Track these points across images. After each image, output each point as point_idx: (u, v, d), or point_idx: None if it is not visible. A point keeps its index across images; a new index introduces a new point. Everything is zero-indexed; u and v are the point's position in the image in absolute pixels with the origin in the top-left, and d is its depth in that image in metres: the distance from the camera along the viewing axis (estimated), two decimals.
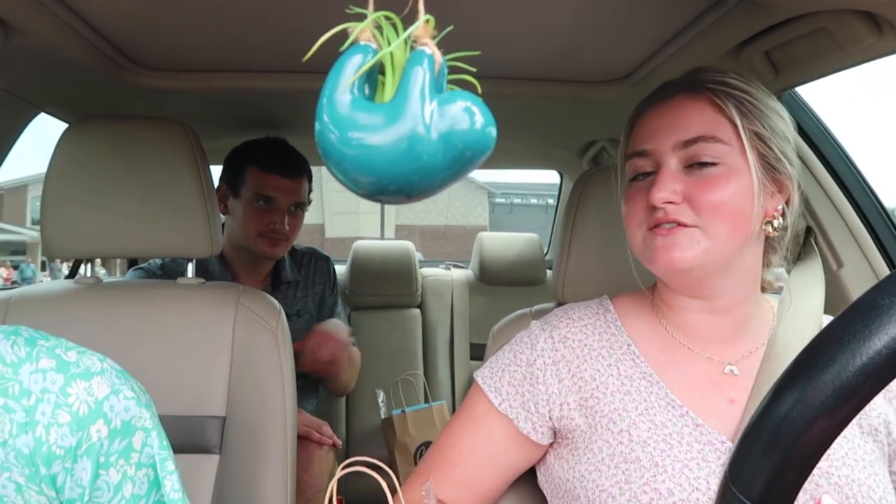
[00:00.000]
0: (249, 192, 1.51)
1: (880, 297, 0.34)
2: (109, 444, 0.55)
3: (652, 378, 0.74)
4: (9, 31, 0.93)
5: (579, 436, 0.74)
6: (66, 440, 0.53)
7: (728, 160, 0.69)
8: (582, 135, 1.89)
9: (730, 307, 0.75)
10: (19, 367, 0.54)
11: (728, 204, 0.68)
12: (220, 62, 1.20)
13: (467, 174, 0.36)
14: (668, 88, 0.76)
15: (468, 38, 1.03)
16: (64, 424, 0.53)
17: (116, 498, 0.55)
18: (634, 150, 0.75)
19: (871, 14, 0.78)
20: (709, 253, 0.68)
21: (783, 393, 0.37)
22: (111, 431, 0.55)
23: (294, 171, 1.54)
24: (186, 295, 1.03)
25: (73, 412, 0.53)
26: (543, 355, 0.78)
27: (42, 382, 0.54)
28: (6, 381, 0.53)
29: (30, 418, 0.52)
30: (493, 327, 1.04)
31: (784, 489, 0.37)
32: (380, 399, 1.91)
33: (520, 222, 18.63)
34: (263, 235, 1.51)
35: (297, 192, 1.55)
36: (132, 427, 0.56)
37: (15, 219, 19.87)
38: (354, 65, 0.34)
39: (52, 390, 0.54)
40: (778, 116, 0.72)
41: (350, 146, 0.33)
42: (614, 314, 0.82)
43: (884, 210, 1.18)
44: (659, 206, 0.69)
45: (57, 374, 0.55)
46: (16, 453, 0.52)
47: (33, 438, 0.52)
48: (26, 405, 0.53)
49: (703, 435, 0.68)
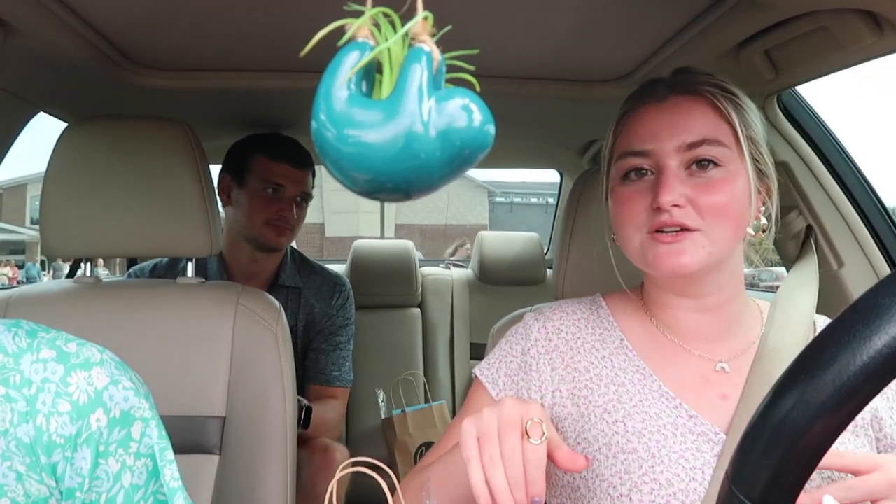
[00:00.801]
0: (257, 180, 1.51)
1: (881, 297, 0.34)
2: (109, 434, 0.55)
3: (645, 371, 0.75)
4: (9, 31, 0.93)
5: (570, 425, 0.74)
6: (66, 429, 0.53)
7: (728, 163, 0.70)
8: (582, 134, 1.88)
9: (718, 305, 0.76)
10: (20, 357, 0.55)
11: (730, 206, 0.69)
12: (220, 62, 1.20)
13: (465, 172, 0.36)
14: (659, 88, 0.75)
15: (467, 37, 1.02)
16: (64, 413, 0.53)
17: (115, 487, 0.55)
18: (632, 150, 0.74)
19: (872, 13, 0.78)
20: (711, 256, 0.69)
21: (784, 393, 0.37)
22: (110, 421, 0.55)
23: (302, 161, 1.55)
24: (186, 295, 1.02)
25: (73, 401, 0.54)
26: (537, 345, 0.79)
27: (43, 372, 0.55)
28: (7, 371, 0.54)
29: (30, 407, 0.53)
30: (493, 327, 1.04)
31: (785, 489, 0.36)
32: (380, 399, 1.91)
33: (520, 221, 18.65)
34: (270, 224, 1.51)
35: (305, 181, 1.56)
36: (131, 417, 0.57)
37: (14, 218, 19.90)
38: (351, 61, 0.33)
39: (53, 380, 0.54)
40: (760, 120, 0.74)
41: (347, 143, 0.33)
42: (607, 310, 0.83)
43: (884, 209, 1.18)
44: (667, 209, 0.68)
45: (57, 365, 0.55)
46: (17, 442, 0.53)
47: (34, 427, 0.53)
48: (27, 394, 0.53)
49: (697, 426, 0.69)
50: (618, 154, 0.76)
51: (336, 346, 1.62)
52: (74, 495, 0.54)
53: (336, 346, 1.62)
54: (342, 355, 1.63)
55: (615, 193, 0.76)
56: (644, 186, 0.72)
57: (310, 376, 1.60)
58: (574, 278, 0.99)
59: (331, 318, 1.64)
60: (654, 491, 0.65)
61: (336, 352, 1.62)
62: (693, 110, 0.72)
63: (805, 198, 1.18)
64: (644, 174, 0.73)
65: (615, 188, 0.76)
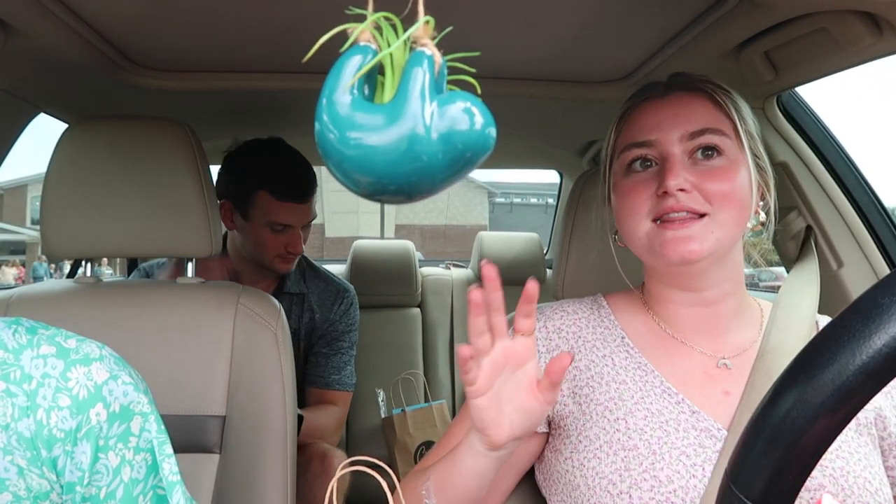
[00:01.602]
0: (263, 218, 1.46)
1: (880, 296, 0.34)
2: (108, 428, 0.56)
3: (647, 367, 0.75)
4: (9, 31, 0.93)
5: (572, 423, 0.75)
6: (66, 423, 0.54)
7: (730, 153, 0.72)
8: (582, 135, 1.89)
9: (719, 299, 0.76)
10: (21, 353, 0.56)
11: (735, 193, 0.70)
12: (220, 62, 1.20)
13: (467, 174, 0.36)
14: (657, 87, 0.77)
15: (468, 38, 1.03)
16: (64, 408, 0.54)
17: (115, 482, 0.56)
18: (635, 141, 0.75)
19: (871, 14, 0.78)
20: (719, 242, 0.70)
21: (783, 392, 0.37)
22: (110, 415, 0.56)
23: (307, 193, 1.49)
24: (186, 294, 1.02)
25: (73, 396, 0.55)
26: (538, 344, 0.79)
27: (43, 368, 0.55)
28: (8, 367, 0.55)
29: (31, 402, 0.54)
30: None
31: (785, 489, 0.37)
32: (380, 398, 1.91)
33: (520, 222, 18.64)
34: (280, 256, 1.51)
35: (309, 212, 1.53)
36: (130, 412, 0.58)
37: (15, 218, 19.90)
38: (354, 65, 0.34)
39: (53, 375, 0.55)
40: (753, 120, 0.76)
41: (349, 146, 0.33)
42: (608, 309, 0.83)
43: (884, 209, 1.18)
44: (673, 193, 0.69)
45: (57, 360, 0.56)
46: (17, 437, 0.53)
47: (34, 422, 0.53)
48: (27, 389, 0.54)
49: (700, 422, 0.69)
50: (621, 148, 0.77)
51: (337, 350, 1.62)
52: (74, 489, 0.55)
53: (337, 350, 1.62)
54: (343, 360, 1.62)
55: (619, 187, 0.77)
56: (648, 176, 0.73)
57: (309, 380, 1.60)
58: (574, 278, 0.99)
59: (332, 323, 1.63)
60: (655, 488, 0.65)
61: (337, 356, 1.61)
62: (693, 103, 0.74)
63: (805, 198, 1.19)
64: (648, 165, 0.74)
65: (618, 182, 0.77)
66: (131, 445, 0.58)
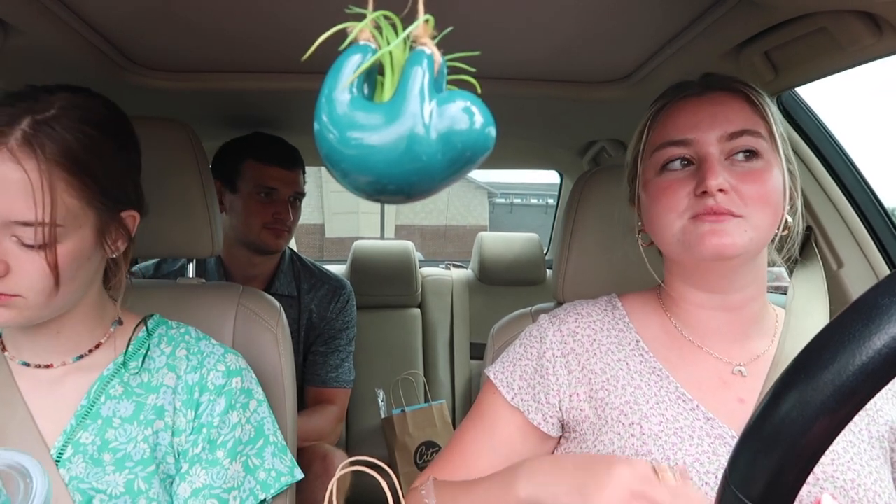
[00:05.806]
0: (250, 185, 1.51)
1: (880, 297, 0.34)
2: (239, 395, 0.81)
3: (662, 373, 0.74)
4: (9, 31, 0.93)
5: (588, 427, 0.74)
6: (218, 380, 0.80)
7: (766, 155, 0.71)
8: (582, 135, 1.89)
9: (742, 303, 0.75)
10: (199, 341, 0.84)
11: (771, 196, 0.70)
12: (219, 62, 1.20)
13: (467, 174, 0.36)
14: (692, 86, 0.76)
15: (468, 38, 1.03)
16: (220, 372, 0.81)
17: (231, 435, 0.79)
18: (671, 139, 0.73)
19: (871, 14, 0.78)
20: (753, 242, 0.69)
21: (783, 392, 0.37)
22: (242, 389, 0.81)
23: (293, 161, 1.56)
24: (186, 295, 1.02)
25: (226, 366, 0.82)
26: (553, 347, 0.79)
27: (210, 349, 0.83)
28: (189, 344, 0.83)
29: (199, 363, 0.81)
30: (493, 327, 1.04)
31: (784, 489, 0.37)
32: (380, 398, 1.91)
33: (520, 222, 18.63)
34: (267, 227, 1.51)
35: (297, 182, 1.56)
36: (252, 394, 0.83)
37: None
38: (353, 64, 0.34)
39: (216, 354, 0.83)
40: (784, 123, 0.75)
41: (349, 146, 0.33)
42: (622, 311, 0.82)
43: (884, 210, 1.18)
44: (713, 193, 0.68)
45: (219, 348, 0.84)
46: (184, 384, 0.79)
47: (199, 375, 0.80)
48: (199, 356, 0.82)
49: (714, 429, 0.69)
50: (655, 146, 0.75)
51: (335, 348, 1.62)
52: (202, 431, 0.78)
53: (335, 348, 1.62)
54: (341, 357, 1.63)
55: (651, 185, 0.75)
56: (684, 175, 0.72)
57: (307, 378, 1.60)
58: (574, 279, 0.99)
59: (329, 322, 1.63)
60: None
61: (334, 354, 1.62)
62: (731, 103, 0.73)
63: (804, 198, 1.19)
64: (685, 164, 0.73)
65: (650, 181, 0.76)
66: (247, 415, 0.81)
